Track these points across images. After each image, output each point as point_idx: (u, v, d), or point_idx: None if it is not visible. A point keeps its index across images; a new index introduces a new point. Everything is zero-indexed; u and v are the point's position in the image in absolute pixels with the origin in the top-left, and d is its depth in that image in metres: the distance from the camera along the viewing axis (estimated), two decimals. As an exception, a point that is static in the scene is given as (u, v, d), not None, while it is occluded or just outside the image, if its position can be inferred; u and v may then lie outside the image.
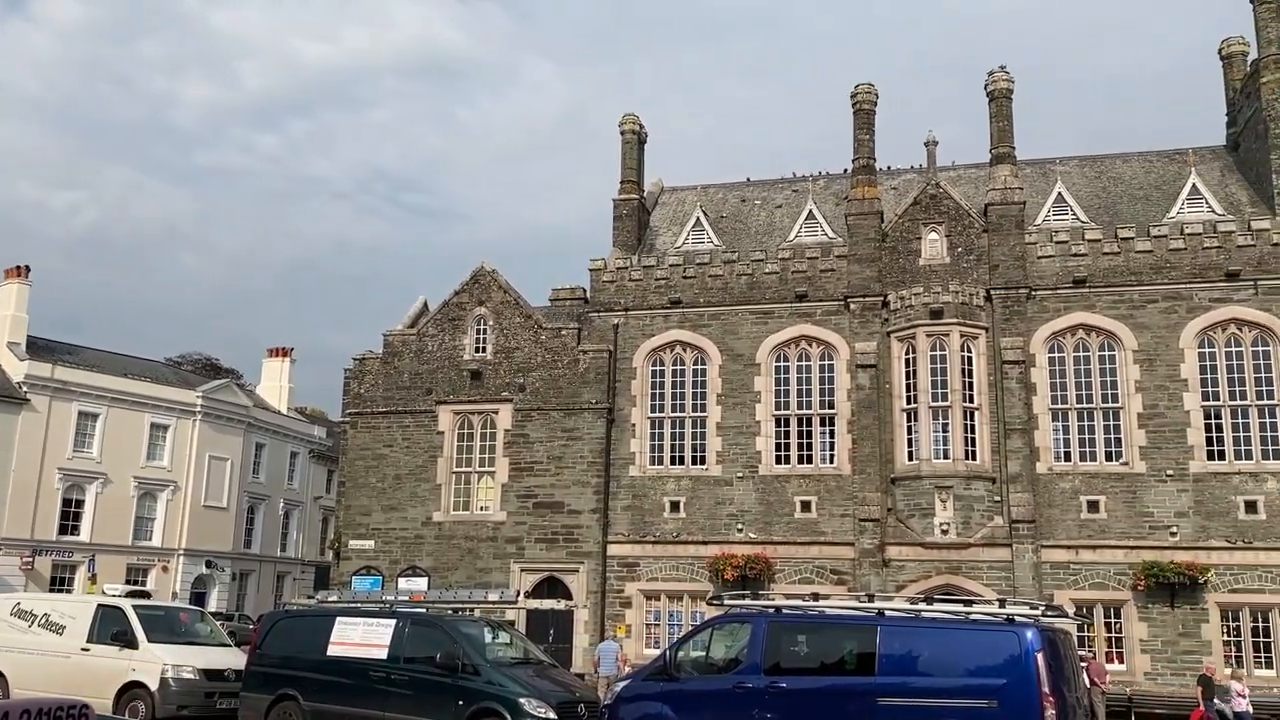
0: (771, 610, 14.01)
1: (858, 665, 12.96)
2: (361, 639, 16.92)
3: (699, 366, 32.10)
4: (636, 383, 32.21)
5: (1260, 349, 28.32)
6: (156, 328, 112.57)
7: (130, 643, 18.94)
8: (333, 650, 17.02)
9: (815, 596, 14.57)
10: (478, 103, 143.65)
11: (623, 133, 36.44)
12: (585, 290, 34.82)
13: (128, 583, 37.60)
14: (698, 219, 35.77)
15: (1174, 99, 71.03)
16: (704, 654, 14.19)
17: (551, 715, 14.92)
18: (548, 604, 28.67)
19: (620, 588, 31.01)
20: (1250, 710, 22.86)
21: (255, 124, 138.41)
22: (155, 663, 18.51)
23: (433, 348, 33.60)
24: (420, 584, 30.14)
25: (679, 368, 32.27)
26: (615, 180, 36.09)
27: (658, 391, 32.25)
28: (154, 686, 18.24)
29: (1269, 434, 27.84)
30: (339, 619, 17.56)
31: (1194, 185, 31.84)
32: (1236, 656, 26.94)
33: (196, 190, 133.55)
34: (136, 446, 45.16)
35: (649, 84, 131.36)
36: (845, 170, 34.64)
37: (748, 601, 14.84)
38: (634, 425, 31.95)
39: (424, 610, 18.82)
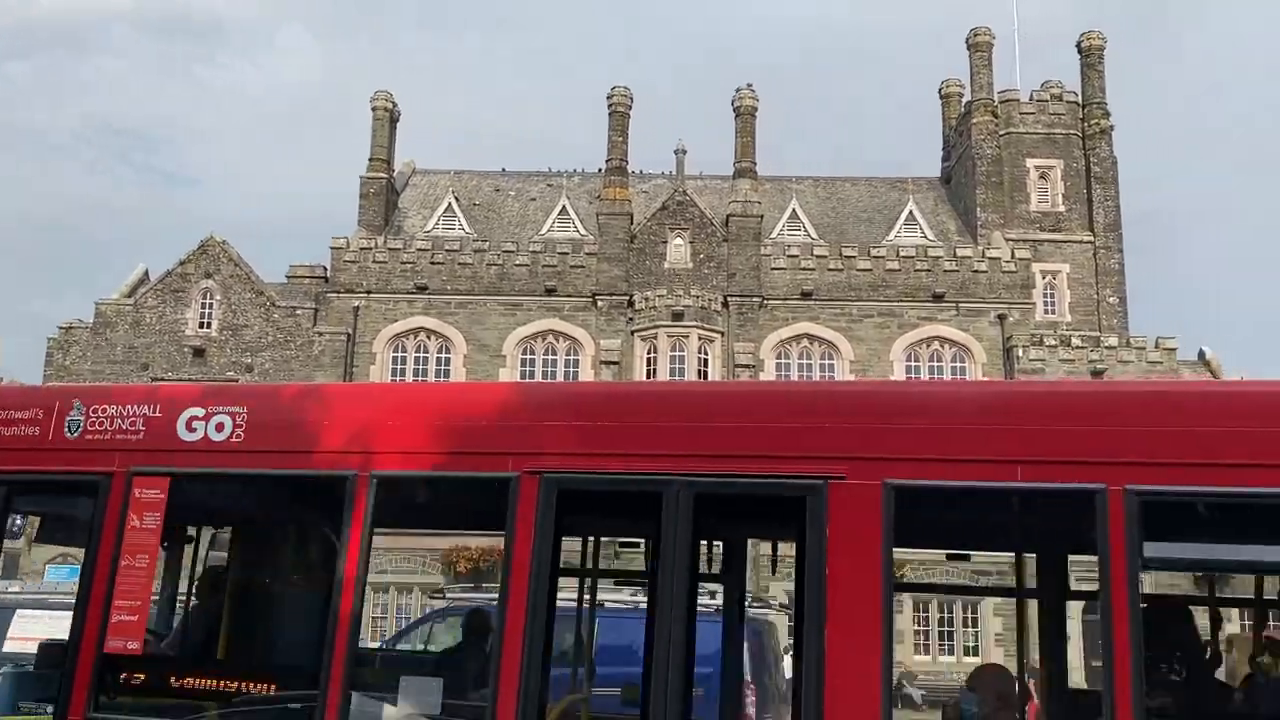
0: (492, 605, 13.93)
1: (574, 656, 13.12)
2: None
3: (443, 355, 31.60)
4: (376, 369, 31.26)
5: (958, 364, 31.26)
6: None
7: None
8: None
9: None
10: (226, 65, 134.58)
11: (374, 109, 35.28)
12: (326, 269, 33.41)
13: None
14: (449, 204, 35.22)
15: (900, 130, 77.40)
16: (421, 649, 13.92)
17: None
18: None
19: (348, 579, 29.99)
20: None
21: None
22: None
23: (151, 320, 31.11)
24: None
25: (422, 355, 31.63)
26: (366, 158, 34.91)
27: (398, 379, 31.43)
28: None
29: (961, 442, 30.75)
30: None
31: (911, 212, 34.79)
32: (924, 644, 29.59)
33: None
34: None
35: (408, 64, 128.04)
36: (600, 170, 35.20)
37: (469, 595, 14.70)
38: (371, 412, 30.97)
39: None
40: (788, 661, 26.69)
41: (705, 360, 30.66)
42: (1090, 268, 33.63)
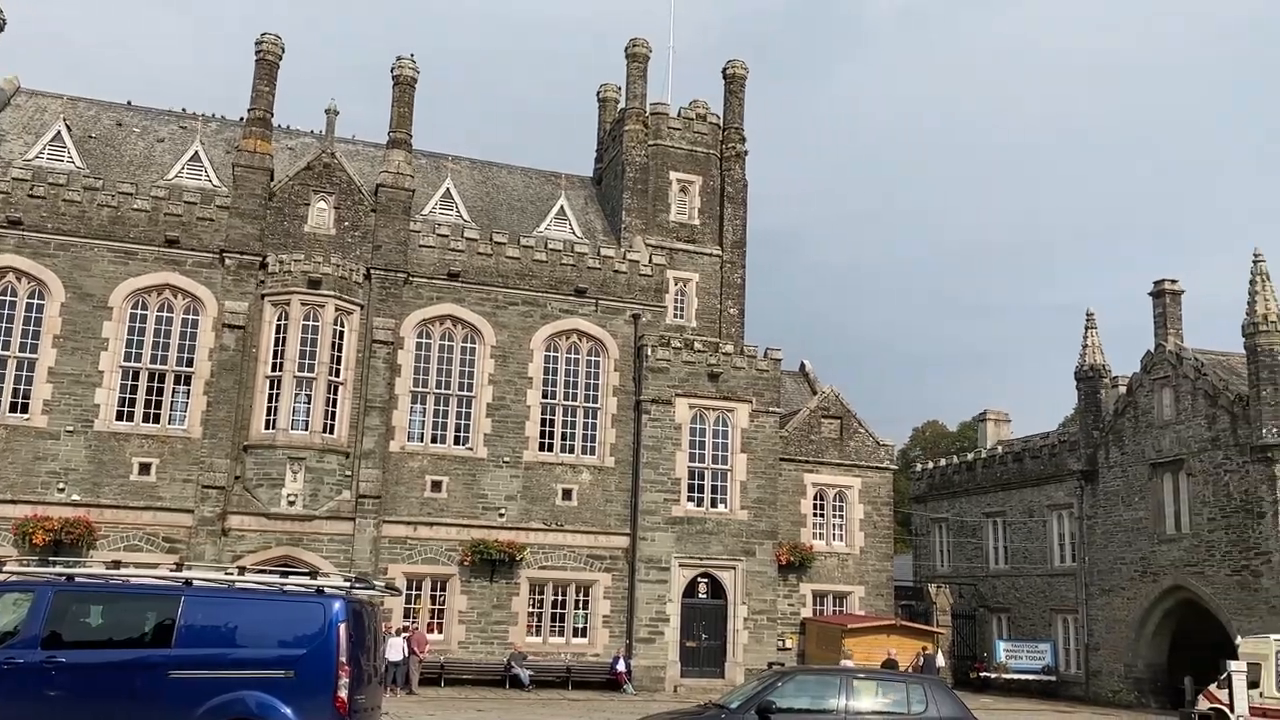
0: (62, 579, 12.51)
1: (155, 637, 12.10)
2: None
3: (35, 300, 27.97)
4: (-53, 309, 27.07)
5: (594, 358, 32.47)
6: None
7: None
8: None
9: (116, 564, 13.36)
10: None
11: (-28, 11, 30.49)
12: (-109, 188, 28.40)
13: None
14: (59, 132, 31.19)
15: (560, 126, 79.46)
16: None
17: None
18: None
19: (-113, 551, 25.70)
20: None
21: None
22: None
23: None
24: None
25: (9, 299, 27.81)
26: (-44, 66, 30.10)
27: (-25, 322, 27.41)
28: None
29: (588, 432, 32.04)
30: None
31: (562, 207, 35.69)
32: (536, 626, 30.49)
33: None
34: None
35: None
36: (241, 119, 32.77)
37: (33, 569, 13.12)
38: (-65, 359, 26.77)
39: None
40: (394, 643, 26.45)
41: (341, 333, 29.53)
42: (716, 279, 36.27)
